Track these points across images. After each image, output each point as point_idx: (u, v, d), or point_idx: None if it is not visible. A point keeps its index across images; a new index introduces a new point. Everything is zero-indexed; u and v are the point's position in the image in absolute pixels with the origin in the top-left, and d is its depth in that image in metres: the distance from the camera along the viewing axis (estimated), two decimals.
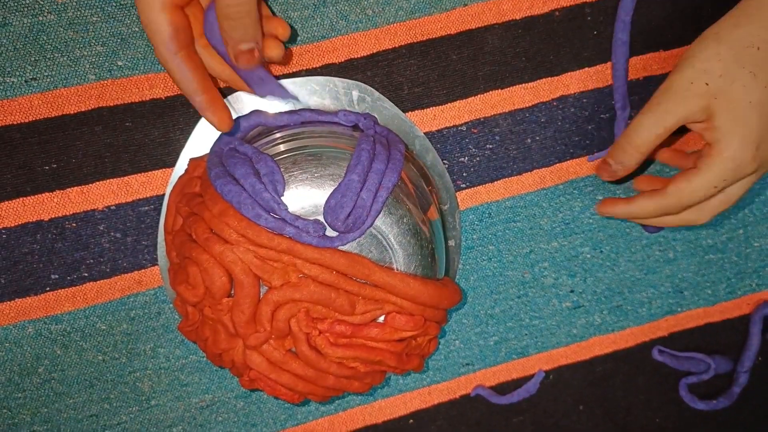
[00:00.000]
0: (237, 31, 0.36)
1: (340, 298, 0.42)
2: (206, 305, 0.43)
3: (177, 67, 0.39)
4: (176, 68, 0.39)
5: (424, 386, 0.57)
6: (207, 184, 0.43)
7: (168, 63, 0.39)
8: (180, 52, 0.38)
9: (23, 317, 0.48)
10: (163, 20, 0.37)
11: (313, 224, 0.41)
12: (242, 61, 0.37)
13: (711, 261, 0.59)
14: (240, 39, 0.37)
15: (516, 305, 0.57)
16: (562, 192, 0.55)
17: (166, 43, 0.38)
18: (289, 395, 0.45)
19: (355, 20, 0.48)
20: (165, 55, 0.38)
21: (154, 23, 0.37)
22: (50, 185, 0.46)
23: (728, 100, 0.38)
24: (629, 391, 0.61)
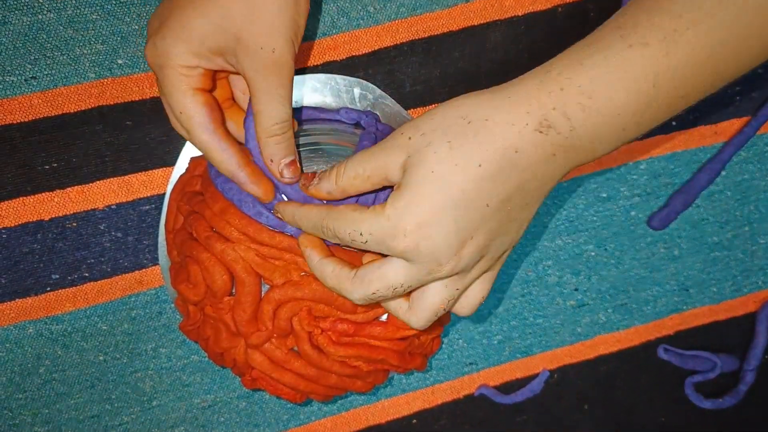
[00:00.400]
0: (281, 147, 0.38)
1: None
2: (207, 304, 0.42)
3: (218, 146, 0.38)
4: (218, 147, 0.38)
5: (428, 386, 0.56)
6: (208, 182, 0.42)
7: (208, 144, 0.38)
8: (217, 131, 0.38)
9: (24, 317, 0.48)
10: (197, 102, 0.37)
11: None
12: (287, 174, 0.39)
13: (717, 258, 0.59)
14: (284, 154, 0.39)
15: (520, 304, 0.56)
16: (565, 189, 0.54)
17: (205, 125, 0.38)
18: (291, 395, 0.45)
19: (357, 17, 0.48)
20: (204, 137, 0.38)
21: (188, 108, 0.37)
22: (50, 184, 0.46)
23: (419, 160, 0.33)
24: (634, 389, 0.60)
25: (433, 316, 0.37)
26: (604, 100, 0.32)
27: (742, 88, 0.55)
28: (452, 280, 0.35)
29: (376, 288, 0.35)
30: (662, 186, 0.56)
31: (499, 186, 0.33)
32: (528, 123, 0.32)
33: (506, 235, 0.35)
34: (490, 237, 0.34)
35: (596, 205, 0.55)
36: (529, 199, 0.34)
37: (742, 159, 0.57)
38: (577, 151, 0.34)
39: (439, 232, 0.33)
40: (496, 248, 0.36)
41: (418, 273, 0.34)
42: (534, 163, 0.33)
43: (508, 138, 0.32)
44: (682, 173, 0.56)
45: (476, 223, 0.33)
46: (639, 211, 0.56)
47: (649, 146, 0.55)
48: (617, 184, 0.55)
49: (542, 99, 0.33)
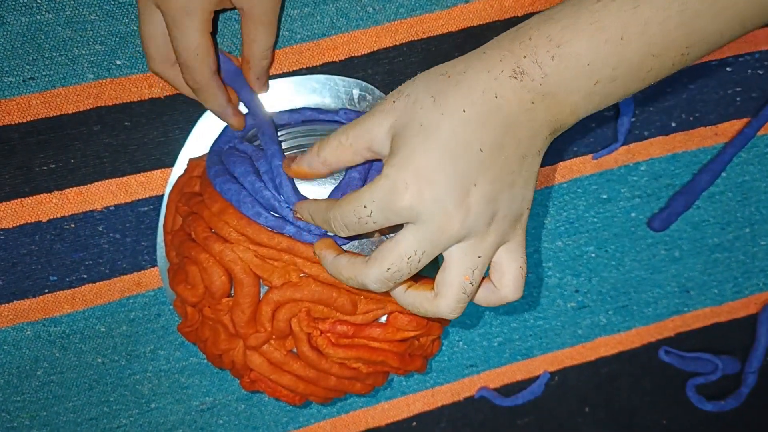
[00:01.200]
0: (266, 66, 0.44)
1: (342, 297, 0.41)
2: (206, 305, 0.42)
3: (217, 86, 0.42)
4: (216, 87, 0.43)
5: (428, 388, 0.56)
6: (206, 183, 0.42)
7: (206, 81, 0.42)
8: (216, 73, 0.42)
9: (22, 319, 0.48)
10: (210, 45, 0.41)
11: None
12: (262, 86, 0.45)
13: (718, 260, 0.59)
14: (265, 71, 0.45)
15: (520, 305, 0.56)
16: (566, 190, 0.54)
17: (210, 66, 0.41)
18: (290, 397, 0.45)
19: (356, 18, 0.47)
20: (206, 77, 0.42)
21: (203, 49, 0.40)
22: (48, 186, 0.46)
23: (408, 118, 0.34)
24: (635, 392, 0.60)
25: (460, 292, 0.35)
26: (572, 48, 0.33)
27: (743, 89, 0.55)
28: (470, 245, 0.34)
29: (390, 262, 0.34)
30: (663, 187, 0.56)
31: (488, 130, 0.33)
32: (503, 70, 0.34)
33: (513, 189, 0.35)
34: (494, 186, 0.34)
35: (596, 206, 0.55)
36: (523, 150, 0.35)
37: (743, 160, 0.57)
38: (554, 100, 0.34)
39: (440, 177, 0.33)
40: (506, 205, 0.35)
41: (429, 231, 0.33)
42: (516, 109, 0.34)
43: (487, 84, 0.34)
44: (683, 174, 0.56)
45: (475, 168, 0.33)
46: (639, 212, 0.56)
47: (649, 147, 0.55)
48: (617, 185, 0.55)
49: (514, 49, 0.34)
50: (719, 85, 0.55)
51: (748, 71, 0.55)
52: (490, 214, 0.34)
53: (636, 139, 0.54)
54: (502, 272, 0.36)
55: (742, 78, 0.55)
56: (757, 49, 0.55)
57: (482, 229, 0.34)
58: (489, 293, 0.37)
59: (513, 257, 0.36)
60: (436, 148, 0.33)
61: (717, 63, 0.54)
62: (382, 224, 0.34)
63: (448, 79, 0.34)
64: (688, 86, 0.54)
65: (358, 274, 0.35)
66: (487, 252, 0.35)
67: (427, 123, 0.33)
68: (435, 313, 0.36)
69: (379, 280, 0.35)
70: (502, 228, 0.35)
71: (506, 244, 0.36)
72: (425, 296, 0.36)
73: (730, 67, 0.55)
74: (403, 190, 0.33)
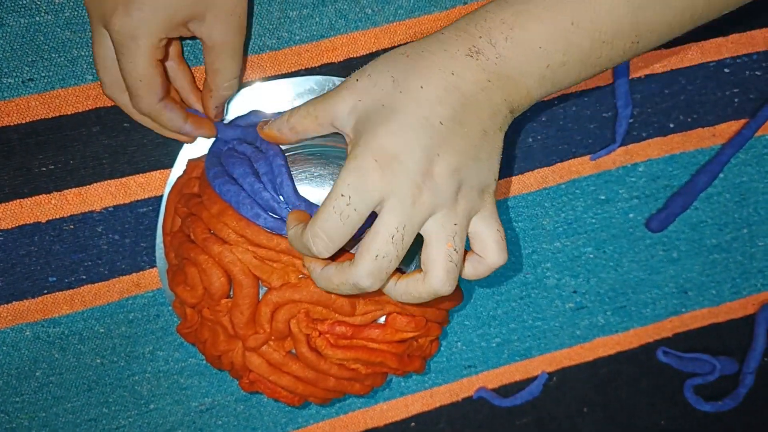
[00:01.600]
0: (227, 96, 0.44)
1: (341, 298, 0.41)
2: (205, 306, 0.42)
3: (163, 111, 0.42)
4: (162, 112, 0.42)
5: (426, 389, 0.56)
6: (205, 184, 0.42)
7: (152, 109, 0.41)
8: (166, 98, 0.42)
9: (21, 320, 0.48)
10: (156, 74, 0.40)
11: None
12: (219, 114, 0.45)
13: (715, 261, 0.59)
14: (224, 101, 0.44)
15: (518, 306, 0.56)
16: (564, 192, 0.54)
17: (158, 93, 0.41)
18: (289, 397, 0.45)
19: (355, 19, 0.47)
20: (152, 104, 0.41)
21: (147, 77, 0.40)
22: (48, 187, 0.46)
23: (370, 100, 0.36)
24: (633, 392, 0.60)
25: (447, 261, 0.35)
26: (524, 31, 0.35)
27: (741, 90, 0.55)
28: (444, 215, 0.35)
29: (376, 249, 0.34)
30: (661, 188, 0.56)
31: (446, 105, 0.35)
32: (459, 49, 0.35)
33: (477, 161, 0.36)
34: (458, 158, 0.35)
35: (595, 207, 0.55)
36: (484, 125, 0.36)
37: (741, 161, 0.57)
38: (510, 81, 0.36)
39: (404, 151, 0.34)
40: (471, 175, 0.36)
41: (403, 206, 0.34)
42: (472, 87, 0.35)
43: (444, 62, 0.35)
44: (681, 175, 0.56)
45: (437, 141, 0.35)
46: (637, 213, 0.56)
47: (647, 148, 0.55)
48: (616, 186, 0.55)
49: (470, 30, 0.36)
50: (717, 86, 0.55)
51: (746, 72, 0.55)
52: (457, 184, 0.35)
53: (634, 140, 0.54)
54: (482, 240, 0.37)
55: (740, 79, 0.55)
56: (755, 50, 0.55)
57: (451, 198, 0.35)
58: (476, 264, 0.37)
59: (488, 224, 0.37)
60: (397, 126, 0.34)
61: (715, 64, 0.54)
62: (362, 211, 0.35)
63: (407, 59, 0.36)
64: (686, 87, 0.54)
65: (349, 276, 0.36)
66: (461, 220, 0.36)
67: (388, 102, 0.35)
68: (429, 292, 0.36)
69: (371, 273, 0.35)
70: (470, 197, 0.36)
71: (479, 214, 0.37)
72: (415, 279, 0.36)
73: (728, 69, 0.55)
74: (372, 168, 0.34)
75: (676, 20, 0.37)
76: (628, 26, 0.36)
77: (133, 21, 0.38)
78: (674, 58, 0.53)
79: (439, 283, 0.36)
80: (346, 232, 0.35)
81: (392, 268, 0.35)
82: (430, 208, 0.35)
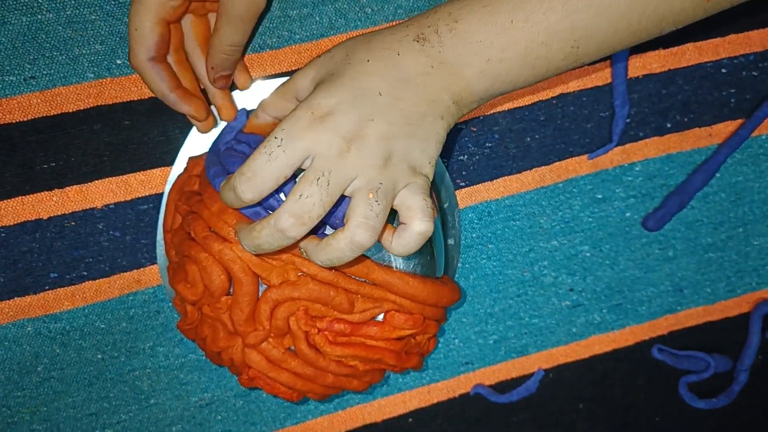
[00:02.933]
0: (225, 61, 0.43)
1: (339, 296, 0.42)
2: (205, 304, 0.43)
3: (151, 70, 0.42)
4: (149, 70, 0.42)
5: (424, 385, 0.57)
6: (206, 182, 0.43)
7: (141, 66, 0.42)
8: (155, 59, 0.42)
9: (22, 316, 0.48)
10: (153, 30, 0.41)
11: None
12: (220, 83, 0.44)
13: (711, 259, 0.59)
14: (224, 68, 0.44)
15: (515, 304, 0.56)
16: (561, 190, 0.54)
17: (148, 49, 0.41)
18: (288, 394, 0.45)
19: (354, 18, 0.48)
20: (140, 59, 0.42)
21: (142, 29, 0.41)
22: (49, 184, 0.46)
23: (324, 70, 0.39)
24: (629, 389, 0.60)
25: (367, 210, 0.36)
26: (466, 24, 0.38)
27: (737, 91, 0.56)
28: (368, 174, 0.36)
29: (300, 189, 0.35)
30: (657, 187, 0.56)
31: (386, 80, 0.38)
32: (408, 34, 0.39)
33: (410, 138, 0.38)
34: (390, 128, 0.37)
35: (591, 206, 0.55)
36: (423, 108, 0.38)
37: (737, 161, 0.57)
38: (450, 70, 0.38)
39: (339, 109, 0.36)
40: (402, 149, 0.37)
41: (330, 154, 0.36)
42: (414, 70, 0.38)
43: (392, 43, 0.38)
44: (677, 175, 0.56)
45: (372, 108, 0.37)
46: (634, 212, 0.56)
47: (644, 148, 0.55)
48: (612, 185, 0.55)
49: (420, 20, 0.39)
50: (714, 86, 0.55)
51: (742, 73, 0.55)
52: (386, 151, 0.37)
53: (631, 139, 0.55)
54: (408, 206, 0.38)
55: (737, 80, 0.55)
56: (752, 51, 0.55)
57: (378, 161, 0.37)
58: (401, 231, 0.38)
59: (415, 194, 0.38)
60: (336, 88, 0.37)
61: (712, 65, 0.55)
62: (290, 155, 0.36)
63: (363, 39, 0.39)
64: (683, 87, 0.55)
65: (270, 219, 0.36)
66: (387, 183, 0.37)
67: (336, 71, 0.38)
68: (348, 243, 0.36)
69: (293, 213, 0.35)
70: (399, 168, 0.37)
71: (408, 187, 0.38)
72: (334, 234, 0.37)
73: (725, 69, 0.55)
74: (307, 118, 0.36)
75: (612, 29, 0.38)
76: (564, 30, 0.37)
77: None
78: (672, 59, 0.54)
79: (357, 231, 0.36)
80: (271, 174, 0.36)
81: (315, 214, 0.36)
82: (356, 166, 0.36)
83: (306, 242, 0.38)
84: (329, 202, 0.36)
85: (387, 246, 0.38)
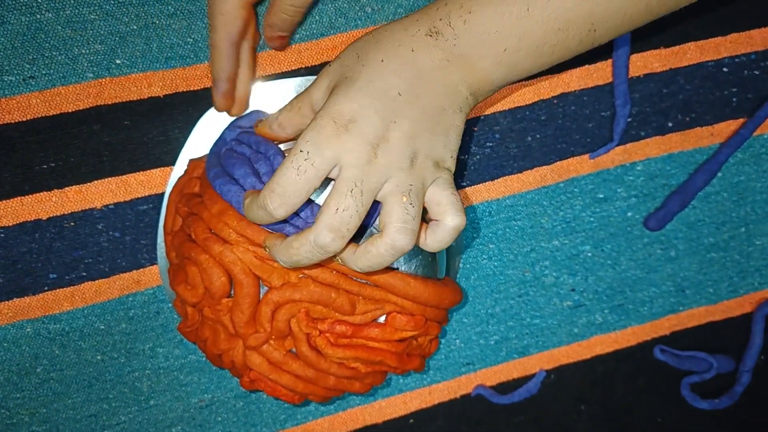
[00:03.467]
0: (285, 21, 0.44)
1: (341, 298, 0.41)
2: (206, 306, 0.42)
3: (227, 54, 0.43)
4: (225, 55, 0.43)
5: (425, 386, 0.57)
6: (206, 184, 0.42)
7: (220, 48, 0.42)
8: (235, 43, 0.42)
9: (21, 317, 0.48)
10: (240, 16, 0.41)
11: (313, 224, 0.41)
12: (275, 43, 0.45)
13: (713, 259, 0.59)
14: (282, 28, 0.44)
15: (517, 304, 0.56)
16: (562, 190, 0.54)
17: (232, 35, 0.42)
18: (289, 396, 0.45)
19: (355, 18, 0.48)
20: (224, 43, 0.42)
21: (229, 15, 0.41)
22: (48, 184, 0.46)
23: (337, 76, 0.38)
24: (631, 390, 0.60)
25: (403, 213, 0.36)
26: (480, 15, 0.37)
27: (739, 90, 0.55)
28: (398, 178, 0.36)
29: (336, 203, 0.35)
30: (659, 187, 0.56)
31: (403, 79, 0.37)
32: (420, 29, 0.38)
33: (433, 134, 0.37)
34: (413, 126, 0.37)
35: (593, 206, 0.55)
36: (442, 103, 0.38)
37: (739, 160, 0.57)
38: (467, 62, 0.38)
39: (362, 115, 0.36)
40: (426, 146, 0.37)
41: (359, 162, 0.35)
42: (429, 65, 0.37)
43: (405, 40, 0.38)
44: (679, 174, 0.56)
45: (393, 110, 0.36)
46: (636, 212, 0.56)
47: (645, 147, 0.55)
48: (614, 185, 0.55)
49: (431, 13, 0.38)
50: (715, 85, 0.55)
51: (744, 72, 0.55)
52: (412, 151, 0.37)
53: (632, 139, 0.54)
54: (439, 203, 0.38)
55: (739, 79, 0.55)
56: (754, 50, 0.55)
57: (406, 163, 0.36)
58: (434, 227, 0.38)
59: (444, 189, 0.38)
60: (357, 93, 0.36)
61: (713, 64, 0.54)
62: (318, 167, 0.35)
63: (372, 38, 0.39)
64: (684, 87, 0.54)
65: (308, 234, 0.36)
66: (416, 182, 0.37)
67: (351, 74, 0.37)
68: (388, 247, 0.36)
69: (332, 227, 0.35)
70: (425, 166, 0.37)
71: (435, 182, 0.38)
72: (373, 240, 0.37)
73: (727, 68, 0.55)
74: (330, 127, 0.36)
75: (632, 8, 0.37)
76: (582, 14, 0.37)
77: None
78: (673, 58, 0.53)
79: (397, 235, 0.36)
80: (301, 188, 0.36)
81: (353, 225, 0.36)
82: (385, 170, 0.36)
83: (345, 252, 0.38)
84: (364, 210, 0.36)
85: (422, 243, 0.38)
